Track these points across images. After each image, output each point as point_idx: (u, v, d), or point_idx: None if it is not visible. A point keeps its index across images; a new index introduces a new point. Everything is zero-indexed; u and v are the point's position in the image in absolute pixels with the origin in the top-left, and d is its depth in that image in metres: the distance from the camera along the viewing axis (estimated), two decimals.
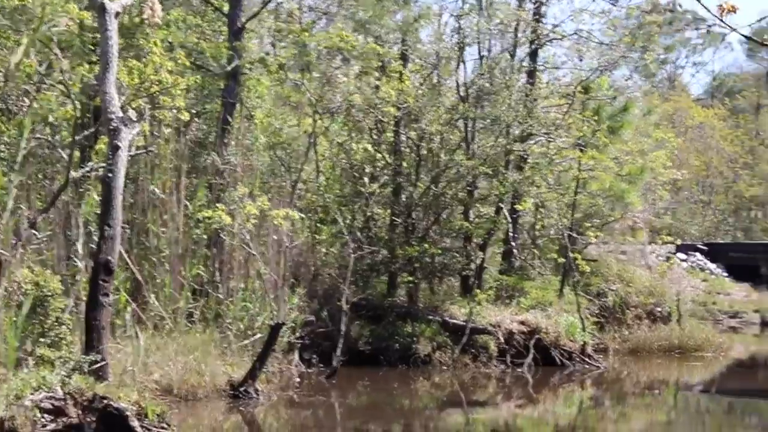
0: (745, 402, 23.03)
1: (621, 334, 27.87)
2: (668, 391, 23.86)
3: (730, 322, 40.25)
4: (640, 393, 22.99)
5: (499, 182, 24.34)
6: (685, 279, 38.29)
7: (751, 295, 44.76)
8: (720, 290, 44.11)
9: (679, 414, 21.12)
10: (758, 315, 42.59)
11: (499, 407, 20.49)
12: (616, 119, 25.99)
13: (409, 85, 24.38)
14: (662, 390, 23.72)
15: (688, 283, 37.58)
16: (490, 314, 24.06)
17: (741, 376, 27.25)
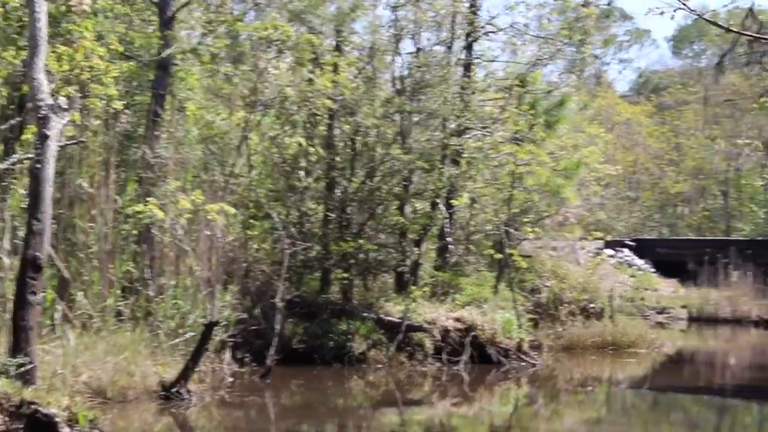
0: (675, 398, 22.97)
1: (555, 331, 27.66)
2: (601, 387, 23.78)
3: (657, 318, 40.41)
4: (574, 390, 22.90)
5: (435, 177, 23.92)
6: (614, 275, 38.25)
7: (679, 291, 45.01)
8: (648, 286, 44.16)
9: (611, 411, 21.04)
10: (685, 310, 42.84)
11: (434, 406, 20.14)
12: (552, 114, 25.72)
13: (346, 76, 23.89)
14: (595, 387, 23.66)
15: (616, 279, 37.52)
16: (425, 311, 23.65)
17: (672, 372, 27.27)
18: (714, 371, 28.66)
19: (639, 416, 20.56)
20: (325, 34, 24.45)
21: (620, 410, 21.25)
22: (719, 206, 63.43)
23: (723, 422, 20.39)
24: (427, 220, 24.77)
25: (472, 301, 24.68)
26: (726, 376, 27.63)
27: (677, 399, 22.88)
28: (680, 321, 41.76)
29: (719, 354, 32.53)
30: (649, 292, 43.60)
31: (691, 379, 26.49)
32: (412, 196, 24.75)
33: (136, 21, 23.38)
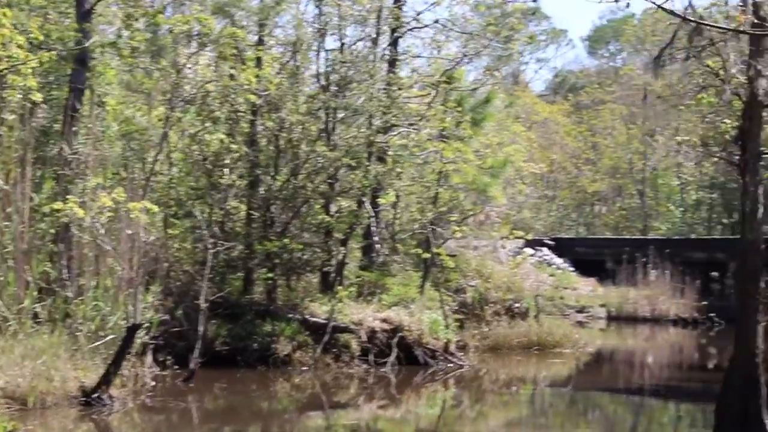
0: (597, 397, 23.01)
1: (480, 331, 27.45)
2: (526, 388, 23.76)
3: (577, 317, 40.31)
4: (499, 391, 22.84)
5: (361, 175, 23.49)
6: (534, 274, 38.18)
7: (597, 290, 44.95)
8: (567, 285, 44.25)
9: (534, 411, 20.98)
10: (604, 309, 43.02)
11: (360, 409, 19.91)
12: (479, 111, 25.44)
13: (270, 71, 23.38)
14: (520, 387, 23.61)
15: (536, 278, 37.45)
16: (351, 312, 23.31)
17: (595, 371, 27.30)
18: (634, 371, 28.77)
19: (561, 416, 20.54)
20: (248, 29, 23.90)
21: (543, 410, 21.17)
22: (636, 205, 63.86)
23: (640, 422, 20.43)
24: (353, 219, 24.36)
25: (399, 302, 24.36)
26: (645, 376, 27.70)
27: (599, 398, 22.88)
28: (599, 320, 41.87)
29: (639, 353, 32.68)
30: (568, 291, 43.68)
31: (613, 378, 26.48)
32: (337, 195, 24.31)
33: (53, 14, 22.60)
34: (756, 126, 13.43)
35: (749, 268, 13.63)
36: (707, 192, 59.44)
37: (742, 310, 13.81)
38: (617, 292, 43.78)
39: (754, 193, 13.52)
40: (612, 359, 30.47)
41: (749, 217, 13.65)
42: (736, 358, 13.79)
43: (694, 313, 42.20)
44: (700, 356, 32.86)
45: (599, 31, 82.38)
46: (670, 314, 42.09)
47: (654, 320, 41.73)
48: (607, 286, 44.82)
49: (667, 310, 42.29)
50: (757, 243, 13.69)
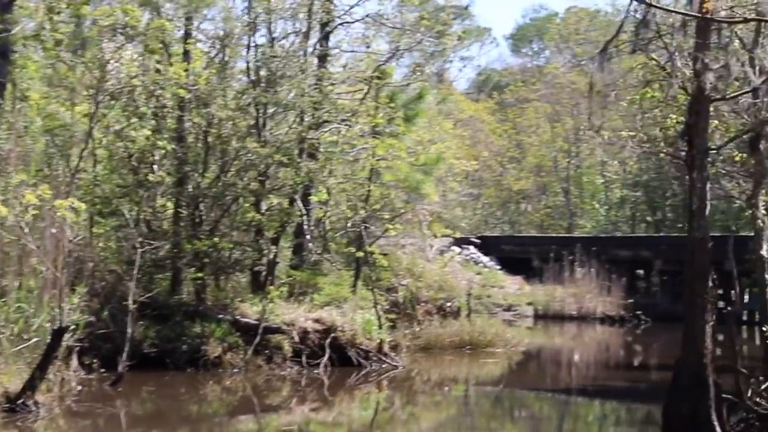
0: (526, 397, 22.81)
1: (412, 331, 27.14)
2: (458, 388, 23.50)
3: (504, 315, 40.36)
4: (431, 392, 22.59)
5: (293, 171, 22.94)
6: (461, 273, 38.00)
7: (524, 288, 45.05)
8: (494, 283, 44.23)
9: (465, 412, 20.73)
10: (531, 307, 43.13)
11: (292, 412, 19.43)
12: (411, 107, 25.03)
13: (199, 66, 22.76)
14: (452, 388, 23.36)
15: (463, 276, 37.27)
16: (283, 312, 22.80)
17: (526, 370, 27.11)
18: (562, 370, 28.63)
19: (490, 417, 20.36)
20: (175, 22, 23.26)
21: (474, 411, 20.92)
22: (561, 203, 64.05)
23: (566, 420, 20.27)
24: (284, 217, 23.81)
25: (331, 301, 23.92)
26: (573, 375, 27.60)
27: (528, 398, 22.69)
28: (527, 318, 41.97)
29: (567, 352, 32.61)
30: (495, 289, 43.64)
31: (542, 378, 26.41)
32: (268, 192, 23.76)
33: None
34: (703, 121, 13.15)
35: (697, 267, 13.35)
36: (631, 190, 59.72)
37: (690, 310, 13.53)
38: (544, 290, 43.82)
39: (702, 190, 13.23)
40: (542, 358, 30.37)
41: (697, 214, 13.36)
42: (684, 358, 13.50)
43: (621, 311, 42.42)
44: (627, 354, 32.99)
45: (522, 29, 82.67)
46: (596, 312, 42.26)
47: (581, 318, 41.90)
48: (534, 285, 44.88)
49: (593, 308, 42.44)
50: (704, 241, 13.42)
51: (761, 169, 13.45)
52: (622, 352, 33.68)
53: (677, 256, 44.25)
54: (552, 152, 64.58)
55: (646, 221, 59.47)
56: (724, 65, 12.78)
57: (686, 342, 13.52)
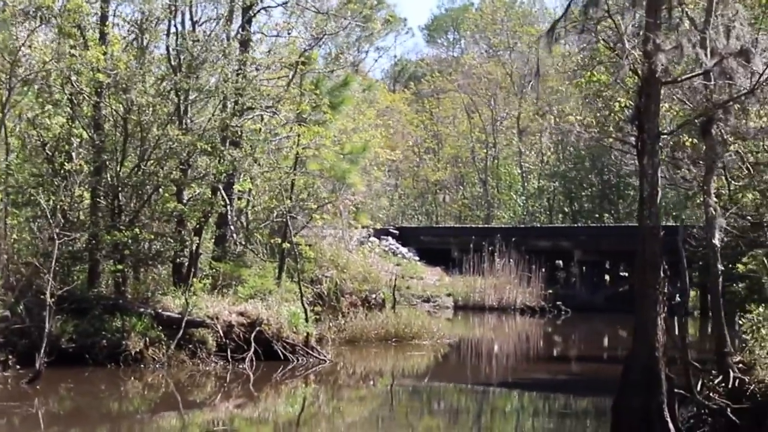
0: (449, 389, 22.56)
1: (337, 323, 26.56)
2: (383, 381, 22.83)
3: (424, 307, 40.20)
4: (357, 386, 22.16)
5: (216, 160, 22.15)
6: (381, 264, 37.59)
7: (444, 279, 45.07)
8: (413, 274, 44.02)
9: (389, 406, 20.10)
10: (451, 299, 42.99)
11: (217, 408, 18.72)
12: (336, 94, 24.35)
13: (118, 49, 21.87)
14: (377, 381, 22.83)
15: (382, 267, 36.85)
16: (207, 305, 22.07)
17: (450, 363, 26.72)
18: (484, 361, 28.29)
19: (414, 410, 19.90)
20: (92, 4, 22.35)
21: (398, 404, 20.30)
22: (478, 194, 63.93)
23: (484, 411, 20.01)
24: (207, 207, 22.98)
25: (256, 294, 23.25)
26: (495, 367, 27.28)
27: (450, 391, 22.42)
28: (447, 309, 41.78)
29: (488, 344, 32.22)
30: (414, 280, 43.40)
31: (464, 370, 26.09)
32: (190, 181, 22.93)
33: None
34: (654, 104, 12.65)
35: (648, 256, 12.85)
36: (549, 180, 59.76)
37: (641, 301, 13.01)
38: (464, 281, 43.68)
39: (653, 177, 12.73)
40: (465, 350, 29.94)
41: (648, 201, 12.85)
42: (636, 352, 12.98)
43: (541, 302, 42.40)
44: (547, 346, 32.83)
45: (438, 20, 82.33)
46: (516, 303, 42.20)
47: (501, 309, 41.76)
48: (453, 276, 44.83)
49: (513, 299, 42.35)
50: (656, 229, 12.93)
51: (713, 154, 13.00)
52: (542, 344, 33.51)
53: (596, 246, 45.16)
54: (469, 143, 64.40)
55: (563, 212, 59.55)
56: (676, 46, 12.31)
57: (637, 335, 13.01)
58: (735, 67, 12.48)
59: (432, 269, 45.87)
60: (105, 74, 21.38)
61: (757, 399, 12.89)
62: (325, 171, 24.56)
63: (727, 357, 13.34)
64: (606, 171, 57.38)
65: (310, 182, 25.01)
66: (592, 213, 57.67)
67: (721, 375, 13.26)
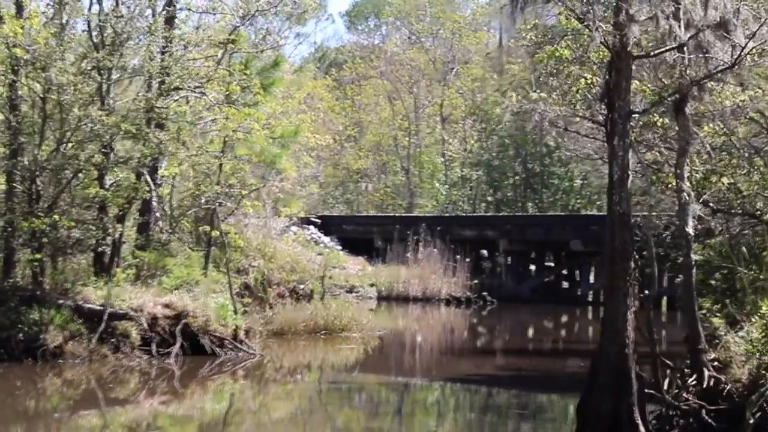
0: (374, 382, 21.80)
1: (265, 315, 25.61)
2: (311, 376, 22.27)
3: (347, 297, 39.26)
4: (284, 380, 21.35)
5: (141, 143, 20.93)
6: (304, 253, 36.65)
7: (367, 269, 44.30)
8: (336, 264, 43.11)
9: (316, 400, 19.62)
10: (374, 289, 42.23)
11: (140, 405, 17.81)
12: (267, 75, 23.19)
13: (37, 23, 20.56)
14: (305, 376, 22.14)
15: (305, 257, 35.92)
16: (130, 297, 21.07)
17: (375, 355, 25.69)
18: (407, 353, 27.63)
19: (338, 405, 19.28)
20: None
21: (325, 399, 19.80)
22: (401, 182, 63.30)
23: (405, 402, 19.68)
24: (131, 193, 21.76)
25: (182, 284, 22.20)
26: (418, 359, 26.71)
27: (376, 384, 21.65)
28: (370, 300, 40.97)
29: (411, 335, 31.73)
30: (337, 270, 42.52)
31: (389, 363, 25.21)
32: (113, 165, 21.69)
33: None
34: (625, 80, 11.75)
35: (618, 245, 11.96)
36: (473, 169, 59.29)
37: (610, 294, 12.13)
38: (387, 271, 43.06)
39: (624, 159, 11.83)
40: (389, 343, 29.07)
41: (618, 186, 11.96)
42: (604, 350, 12.09)
43: (467, 293, 41.92)
44: (471, 338, 32.30)
45: (359, 6, 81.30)
46: (441, 293, 41.70)
47: (426, 300, 41.20)
48: (376, 265, 44.16)
49: (438, 290, 41.82)
50: (626, 216, 12.04)
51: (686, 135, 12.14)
52: (467, 336, 32.91)
53: (522, 235, 44.67)
54: (392, 131, 63.69)
55: (486, 201, 59.11)
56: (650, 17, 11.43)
57: (606, 331, 12.11)
58: (712, 41, 11.64)
59: (355, 259, 45.11)
60: (23, 50, 20.07)
61: (734, 399, 12.07)
62: (254, 156, 23.38)
63: (701, 354, 12.50)
64: (530, 160, 57.22)
65: (239, 167, 23.84)
66: (516, 202, 57.36)
67: (695, 373, 12.41)
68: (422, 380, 22.42)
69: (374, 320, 31.85)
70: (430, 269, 42.39)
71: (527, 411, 18.33)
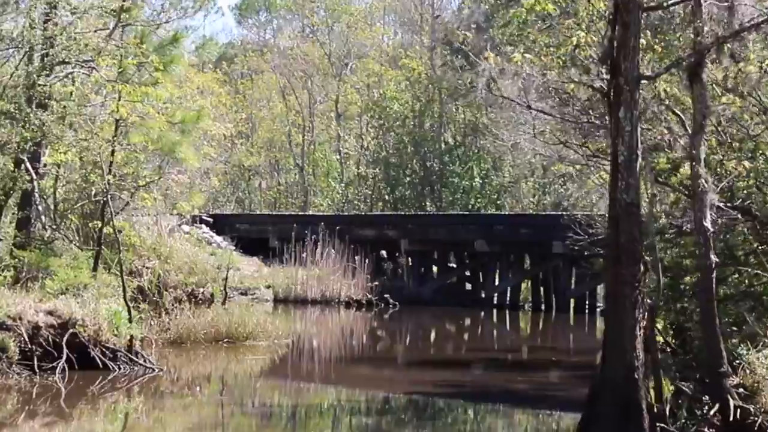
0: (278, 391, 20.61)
1: (160, 322, 23.12)
2: (210, 388, 20.28)
3: (242, 300, 37.32)
4: (180, 394, 19.18)
5: (20, 125, 18.09)
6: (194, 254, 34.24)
7: (262, 270, 42.31)
8: (229, 265, 40.82)
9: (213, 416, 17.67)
10: (271, 291, 40.31)
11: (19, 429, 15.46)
12: (165, 52, 20.48)
13: None
14: (204, 388, 20.11)
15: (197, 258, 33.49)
16: (7, 303, 18.31)
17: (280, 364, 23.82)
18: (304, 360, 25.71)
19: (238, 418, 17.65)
20: None
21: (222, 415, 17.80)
22: (294, 181, 61.07)
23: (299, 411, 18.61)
24: (8, 183, 18.87)
25: (68, 289, 19.50)
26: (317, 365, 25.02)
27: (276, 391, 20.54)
28: (266, 302, 38.95)
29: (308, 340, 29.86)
30: (231, 272, 40.26)
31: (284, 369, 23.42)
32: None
33: None
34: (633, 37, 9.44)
35: (624, 242, 9.58)
36: (370, 167, 57.39)
37: (614, 304, 9.70)
38: (284, 272, 41.16)
39: (631, 136, 9.50)
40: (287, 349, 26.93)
41: (624, 168, 9.61)
42: (607, 373, 9.66)
43: (367, 295, 40.20)
44: (371, 342, 30.99)
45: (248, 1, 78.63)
46: (341, 296, 39.92)
47: (325, 302, 39.44)
48: (273, 266, 42.27)
49: (338, 292, 40.02)
50: (634, 207, 9.67)
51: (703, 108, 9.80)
52: (366, 340, 31.43)
53: (424, 235, 42.71)
54: (285, 126, 61.38)
55: (383, 200, 57.21)
56: None
57: (609, 349, 9.70)
58: None
59: (249, 259, 43.19)
60: None
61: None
62: (150, 143, 20.65)
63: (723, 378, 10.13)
64: (429, 157, 55.62)
65: (133, 156, 21.09)
66: (414, 201, 55.57)
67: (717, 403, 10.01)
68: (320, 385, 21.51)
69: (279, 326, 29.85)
70: (328, 270, 40.51)
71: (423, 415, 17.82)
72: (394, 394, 19.78)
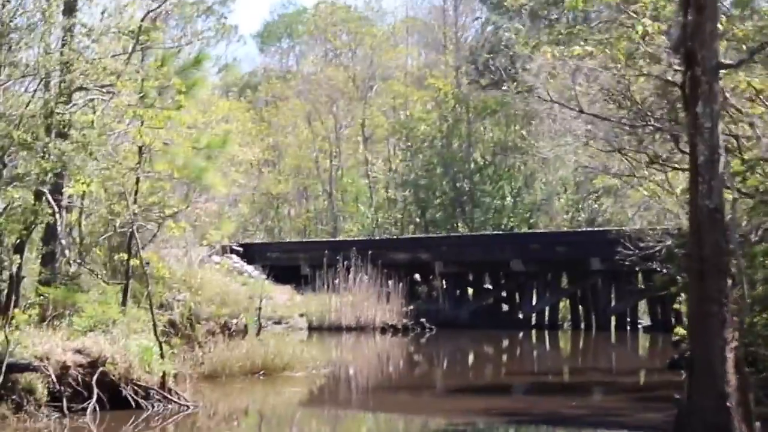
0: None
1: (193, 356, 22.51)
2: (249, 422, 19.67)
3: (276, 329, 36.95)
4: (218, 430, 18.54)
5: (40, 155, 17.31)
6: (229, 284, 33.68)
7: (295, 298, 41.92)
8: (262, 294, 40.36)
9: None
10: (304, 319, 39.90)
11: None
12: (188, 75, 19.74)
13: None
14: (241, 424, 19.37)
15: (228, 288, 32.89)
16: (34, 343, 17.42)
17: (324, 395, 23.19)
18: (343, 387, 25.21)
19: None
20: None
21: None
22: (323, 207, 60.51)
23: None
24: (29, 217, 18.07)
25: (97, 325, 18.65)
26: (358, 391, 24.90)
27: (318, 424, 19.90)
28: (300, 331, 38.51)
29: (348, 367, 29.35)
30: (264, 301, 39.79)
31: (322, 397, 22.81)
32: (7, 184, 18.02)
33: None
34: (710, 21, 8.46)
35: (708, 253, 8.51)
36: (399, 190, 56.80)
37: (700, 324, 8.61)
38: (317, 299, 40.76)
39: (711, 133, 8.47)
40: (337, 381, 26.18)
41: (705, 170, 8.55)
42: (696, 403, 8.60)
43: (403, 319, 39.80)
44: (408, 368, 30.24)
45: (270, 26, 78.46)
46: (376, 322, 39.42)
47: (360, 329, 39.06)
48: (305, 294, 41.83)
49: (373, 318, 39.54)
50: (718, 213, 8.60)
51: None
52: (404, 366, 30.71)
53: (458, 257, 42.03)
54: (312, 153, 60.83)
55: (414, 222, 56.56)
56: None
57: (697, 375, 8.64)
58: None
59: (281, 288, 42.60)
60: None
61: None
62: (176, 170, 19.86)
63: None
64: (459, 178, 54.96)
65: (158, 185, 20.32)
66: (446, 223, 54.88)
67: None
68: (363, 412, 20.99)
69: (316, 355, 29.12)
70: (362, 296, 40.00)
71: None
72: (433, 419, 19.20)
